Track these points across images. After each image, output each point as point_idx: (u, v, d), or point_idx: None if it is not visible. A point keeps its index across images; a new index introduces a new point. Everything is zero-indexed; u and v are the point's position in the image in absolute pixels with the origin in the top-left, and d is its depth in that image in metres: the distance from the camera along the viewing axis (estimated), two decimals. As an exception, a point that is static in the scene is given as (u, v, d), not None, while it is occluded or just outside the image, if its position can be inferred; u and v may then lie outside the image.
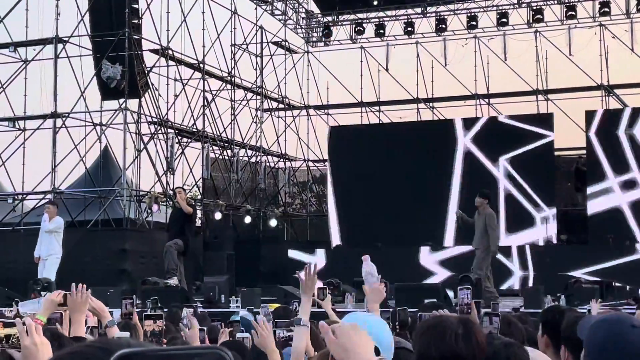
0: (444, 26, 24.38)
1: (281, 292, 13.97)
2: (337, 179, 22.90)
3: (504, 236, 19.90)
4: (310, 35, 26.87)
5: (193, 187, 22.13)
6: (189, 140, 21.85)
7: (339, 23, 26.27)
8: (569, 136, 22.33)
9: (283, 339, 5.03)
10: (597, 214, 20.21)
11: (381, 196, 21.36)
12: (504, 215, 20.33)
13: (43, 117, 18.78)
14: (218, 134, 22.60)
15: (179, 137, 21.05)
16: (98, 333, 4.78)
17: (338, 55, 26.50)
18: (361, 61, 25.59)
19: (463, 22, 24.44)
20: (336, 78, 25.62)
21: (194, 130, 21.48)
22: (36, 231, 14.43)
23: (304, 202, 27.50)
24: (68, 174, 18.85)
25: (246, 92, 24.37)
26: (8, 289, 13.87)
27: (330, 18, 26.13)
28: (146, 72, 19.23)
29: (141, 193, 19.20)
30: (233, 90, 23.70)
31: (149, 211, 18.55)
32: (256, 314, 7.22)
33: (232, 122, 23.56)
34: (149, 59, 19.96)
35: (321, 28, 26.29)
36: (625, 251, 18.13)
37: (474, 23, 24.18)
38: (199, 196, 22.21)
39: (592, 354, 2.57)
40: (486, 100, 24.45)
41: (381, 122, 25.24)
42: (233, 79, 23.49)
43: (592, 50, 23.15)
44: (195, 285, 16.13)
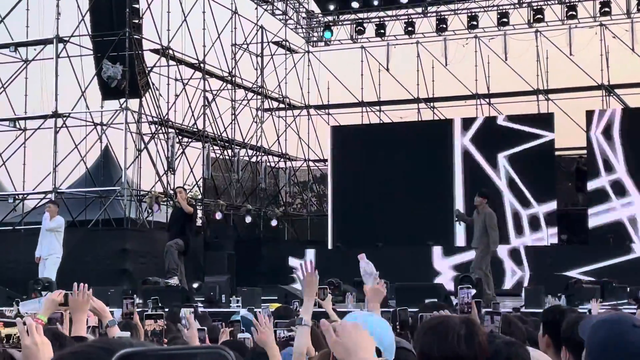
0: (445, 26, 24.36)
1: (282, 292, 13.97)
2: (338, 179, 22.90)
3: (510, 236, 19.93)
4: (310, 35, 26.86)
5: (194, 187, 22.15)
6: (190, 140, 21.85)
7: (340, 23, 26.26)
8: (570, 136, 22.32)
9: (284, 339, 5.03)
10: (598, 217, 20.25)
11: (381, 196, 21.35)
12: (504, 215, 20.30)
13: (44, 117, 18.78)
14: (219, 134, 22.59)
15: (180, 137, 21.04)
16: (99, 333, 4.78)
17: (338, 55, 26.51)
18: (362, 61, 25.59)
19: (463, 22, 24.42)
20: (337, 78, 25.64)
21: (195, 130, 21.48)
22: (37, 231, 14.42)
23: (305, 202, 27.50)
24: (69, 174, 18.89)
25: (247, 92, 24.36)
26: (9, 289, 13.87)
27: (330, 18, 26.13)
28: (147, 72, 19.22)
29: (142, 193, 19.19)
30: (234, 90, 23.70)
31: (150, 211, 18.56)
32: (257, 314, 7.20)
33: (233, 122, 23.57)
34: (150, 59, 19.99)
35: (322, 27, 26.29)
36: (625, 251, 18.15)
37: (475, 23, 24.15)
38: (200, 196, 22.21)
39: (594, 354, 2.57)
40: (487, 100, 24.42)
41: (382, 122, 25.23)
42: (234, 79, 23.49)
43: (593, 50, 23.13)
44: (195, 285, 16.11)
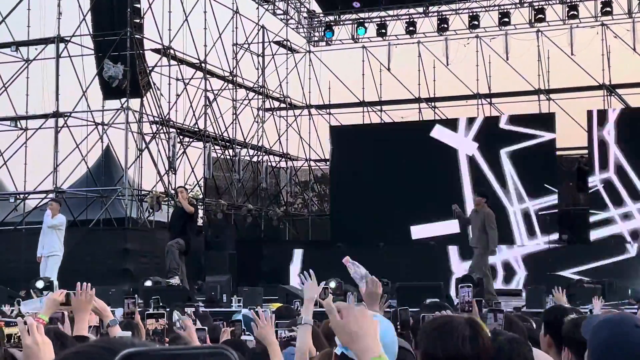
0: (446, 26, 24.35)
1: (283, 292, 13.97)
2: (339, 179, 22.89)
3: (511, 236, 19.91)
4: (312, 34, 26.84)
5: (195, 187, 22.16)
6: (191, 139, 21.84)
7: (341, 22, 26.24)
8: (571, 136, 22.31)
9: (285, 339, 5.02)
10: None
11: (383, 195, 21.32)
12: (505, 215, 20.29)
13: (45, 117, 18.78)
14: (220, 134, 22.58)
15: (181, 137, 21.04)
16: (100, 332, 4.78)
17: (340, 54, 26.51)
18: (363, 61, 25.57)
19: (465, 22, 24.41)
20: (338, 78, 25.65)
21: (196, 129, 21.48)
22: (38, 230, 14.41)
23: (306, 202, 27.48)
24: (70, 174, 18.90)
25: (248, 92, 24.36)
26: (10, 289, 13.86)
27: (332, 17, 26.12)
28: (148, 72, 19.23)
29: (143, 192, 19.20)
30: (235, 89, 23.69)
31: (151, 211, 18.56)
32: (258, 311, 7.18)
33: (234, 122, 23.56)
34: (151, 59, 19.99)
35: (323, 27, 26.28)
36: (624, 250, 18.18)
37: (476, 23, 24.14)
38: (201, 196, 22.21)
39: (596, 354, 2.57)
40: (488, 99, 24.40)
41: (383, 122, 25.22)
42: (235, 79, 23.48)
43: (594, 49, 23.13)
44: (196, 284, 16.12)
